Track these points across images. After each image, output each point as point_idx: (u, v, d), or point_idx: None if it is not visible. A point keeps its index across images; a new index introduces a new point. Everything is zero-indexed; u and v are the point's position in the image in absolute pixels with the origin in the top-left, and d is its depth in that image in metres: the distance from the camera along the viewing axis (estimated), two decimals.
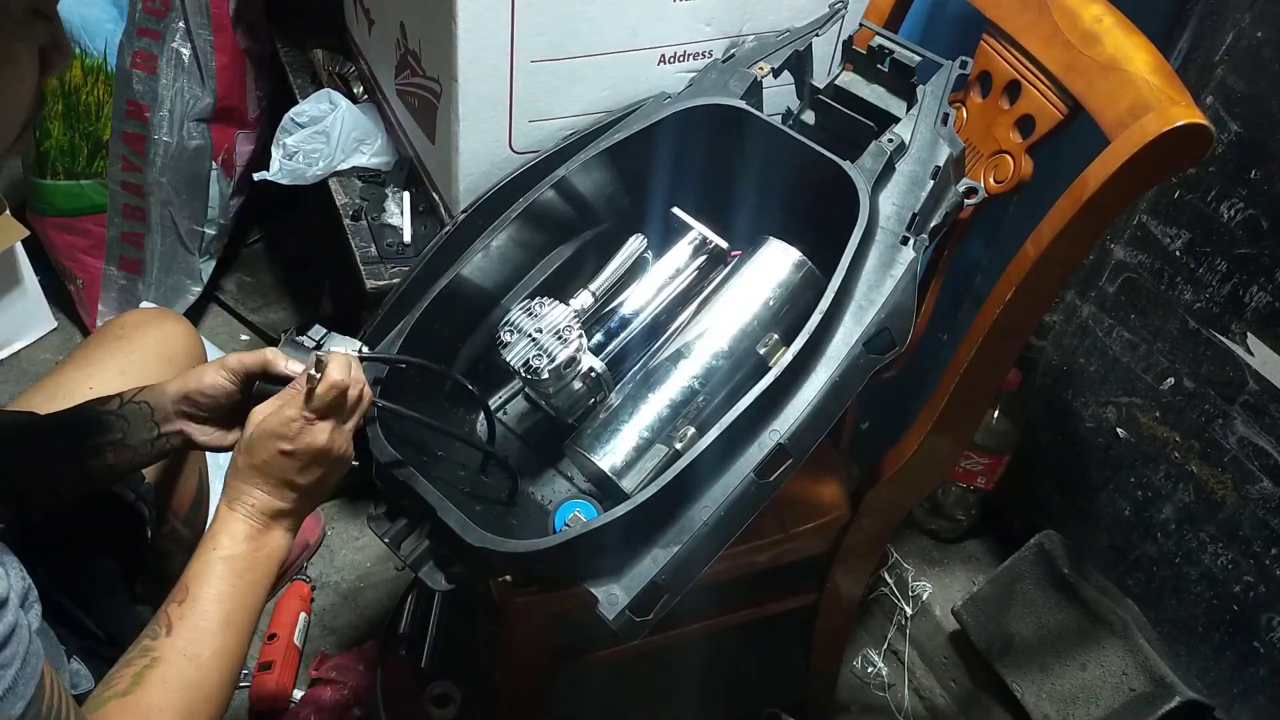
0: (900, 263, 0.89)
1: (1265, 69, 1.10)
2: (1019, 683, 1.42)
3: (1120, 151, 0.82)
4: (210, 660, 0.70)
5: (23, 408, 0.90)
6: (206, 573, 0.73)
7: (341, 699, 1.34)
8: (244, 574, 0.74)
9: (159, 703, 0.67)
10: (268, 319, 1.91)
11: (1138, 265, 1.31)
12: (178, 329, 1.08)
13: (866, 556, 1.21)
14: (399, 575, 1.54)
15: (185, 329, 1.10)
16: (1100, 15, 0.91)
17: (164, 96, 1.59)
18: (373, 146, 1.35)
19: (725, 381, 0.94)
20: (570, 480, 1.03)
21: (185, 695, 0.68)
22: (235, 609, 0.73)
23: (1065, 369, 1.46)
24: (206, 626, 0.71)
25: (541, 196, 1.02)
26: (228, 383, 0.83)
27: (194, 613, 0.71)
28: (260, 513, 0.77)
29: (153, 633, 0.70)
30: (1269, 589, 1.22)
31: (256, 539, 0.76)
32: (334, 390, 0.76)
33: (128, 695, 0.66)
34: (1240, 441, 1.22)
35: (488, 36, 1.03)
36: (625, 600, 0.80)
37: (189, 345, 1.08)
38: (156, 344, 1.04)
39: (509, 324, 0.93)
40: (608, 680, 1.43)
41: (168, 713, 0.67)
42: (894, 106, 1.01)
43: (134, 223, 1.69)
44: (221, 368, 0.83)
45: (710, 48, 1.15)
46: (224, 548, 0.74)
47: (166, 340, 1.06)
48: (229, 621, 0.72)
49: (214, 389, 0.83)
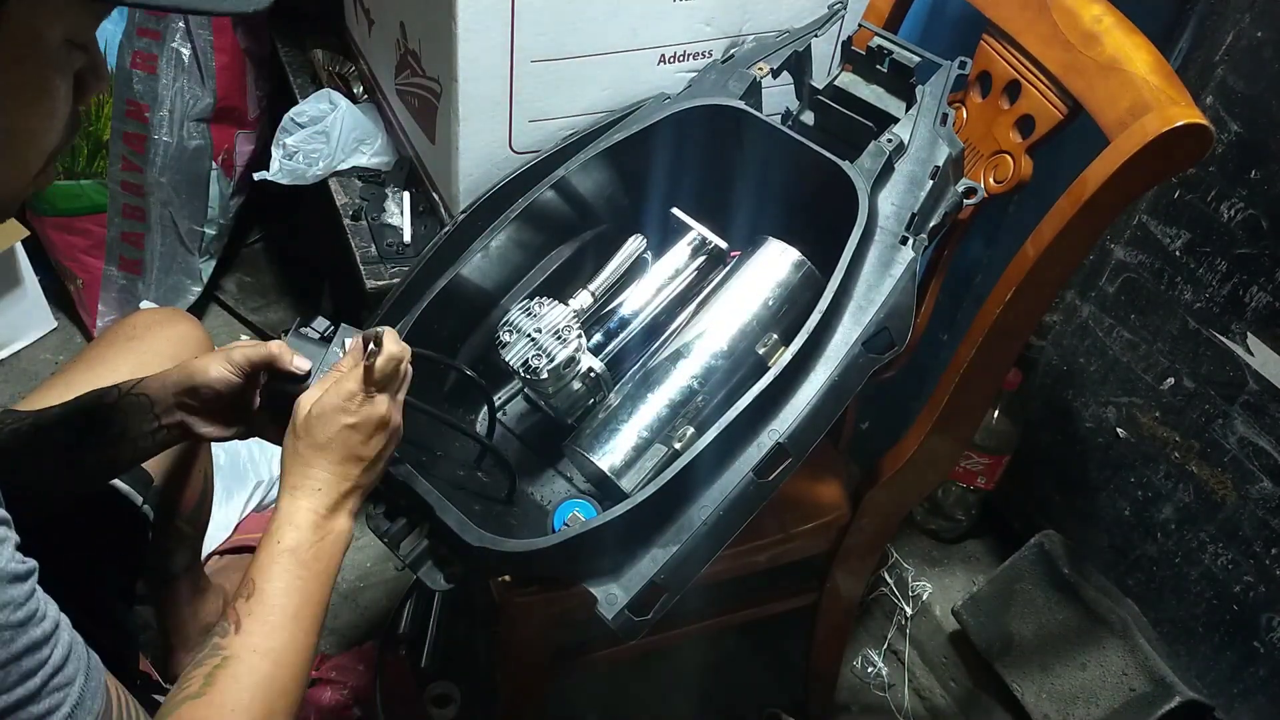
0: (899, 262, 0.89)
1: (1265, 69, 1.10)
2: (1019, 683, 1.42)
3: (1120, 151, 0.82)
4: (281, 655, 0.69)
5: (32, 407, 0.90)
6: (273, 565, 0.72)
7: (341, 699, 1.34)
8: (310, 564, 0.73)
9: (232, 703, 0.65)
10: (268, 319, 1.91)
11: (1138, 265, 1.31)
12: (190, 330, 1.08)
13: (866, 556, 1.21)
14: (399, 575, 1.54)
15: (197, 330, 1.10)
16: (1100, 15, 0.91)
17: (164, 96, 1.59)
18: (373, 146, 1.35)
19: (724, 381, 0.94)
20: (569, 480, 1.03)
21: (258, 693, 0.67)
22: (304, 601, 0.72)
23: (1065, 369, 1.46)
24: (275, 621, 0.70)
25: (541, 197, 1.02)
26: (233, 376, 0.82)
27: (262, 608, 0.70)
28: (326, 495, 0.75)
29: (222, 630, 0.69)
30: (1269, 589, 1.22)
31: (321, 526, 0.74)
32: (393, 361, 0.76)
33: (200, 696, 0.65)
34: (1240, 441, 1.22)
35: (488, 36, 1.03)
36: (624, 600, 0.80)
37: (200, 347, 1.08)
38: (169, 345, 1.04)
39: (508, 324, 0.93)
40: (607, 680, 1.43)
41: (241, 712, 0.65)
42: (893, 107, 1.01)
43: (134, 223, 1.69)
44: (226, 361, 0.82)
45: (710, 48, 1.15)
46: (288, 538, 0.73)
47: (179, 341, 1.05)
48: (298, 615, 0.71)
49: (219, 382, 0.82)
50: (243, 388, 0.83)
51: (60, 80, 0.58)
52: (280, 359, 0.81)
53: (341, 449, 0.75)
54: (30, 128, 0.58)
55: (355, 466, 0.76)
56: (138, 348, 1.03)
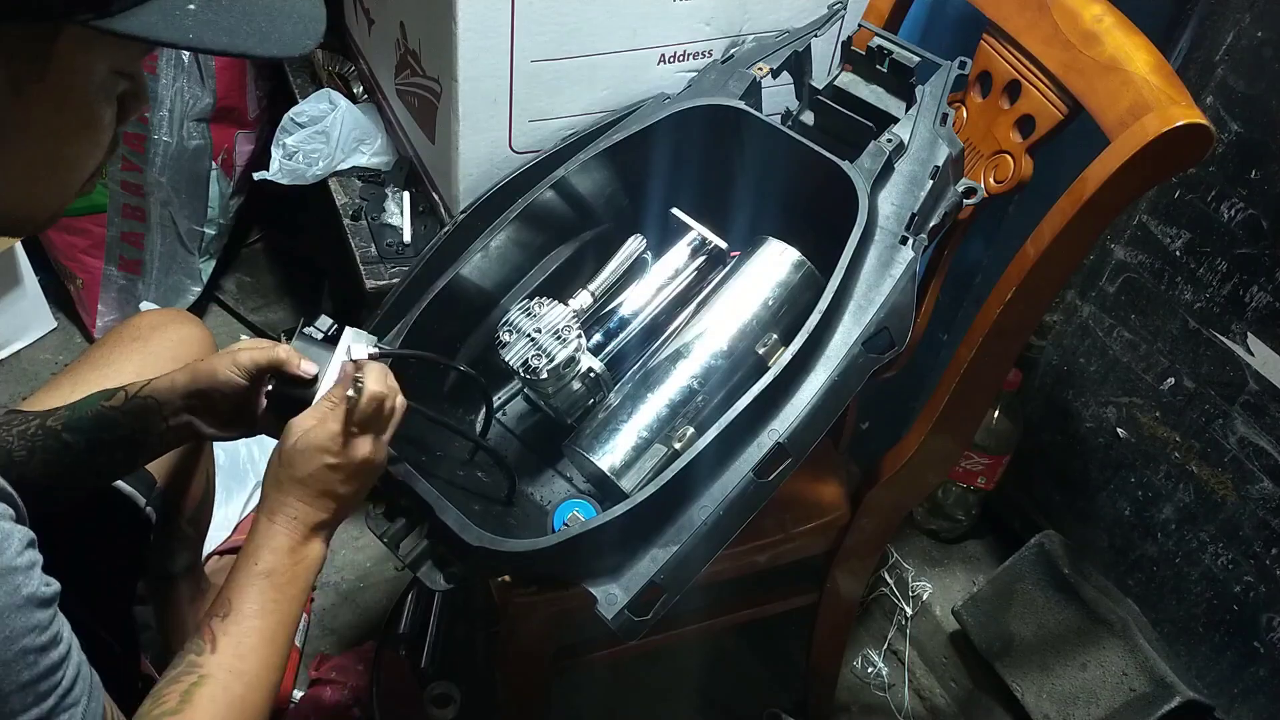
0: (899, 262, 0.89)
1: (1265, 69, 1.10)
2: (1019, 683, 1.42)
3: (1120, 151, 0.82)
4: (255, 676, 0.71)
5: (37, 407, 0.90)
6: (249, 587, 0.74)
7: (341, 699, 1.34)
8: (284, 588, 0.75)
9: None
10: (268, 319, 1.91)
11: (1138, 265, 1.31)
12: (195, 332, 1.09)
13: (866, 556, 1.21)
14: (398, 575, 1.54)
15: (202, 332, 1.10)
16: (1100, 15, 0.90)
17: (164, 96, 1.59)
18: (373, 146, 1.35)
19: (724, 381, 0.94)
20: (569, 480, 1.03)
21: (232, 714, 0.69)
22: (278, 624, 0.74)
23: (1065, 369, 1.46)
24: (250, 643, 0.72)
25: (541, 197, 1.02)
26: (240, 380, 0.83)
27: (238, 629, 0.72)
28: (301, 524, 0.77)
29: (197, 648, 0.71)
30: (1269, 589, 1.22)
31: (297, 551, 0.76)
32: (374, 402, 0.77)
33: (178, 714, 0.66)
34: (1240, 441, 1.22)
35: (488, 36, 1.03)
36: (624, 600, 0.80)
37: (205, 348, 1.08)
38: (173, 346, 1.05)
39: (508, 324, 0.93)
40: (607, 680, 1.43)
41: None
42: (893, 107, 1.01)
43: (134, 223, 1.69)
44: (234, 365, 0.83)
45: (710, 48, 1.15)
46: (265, 561, 0.75)
47: (183, 343, 1.06)
48: (272, 637, 0.73)
49: (226, 386, 0.83)
50: (249, 391, 0.84)
51: (105, 108, 0.59)
52: (288, 365, 0.82)
53: (320, 485, 0.77)
54: (75, 154, 0.60)
55: (332, 502, 0.78)
56: (143, 349, 1.04)
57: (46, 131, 0.57)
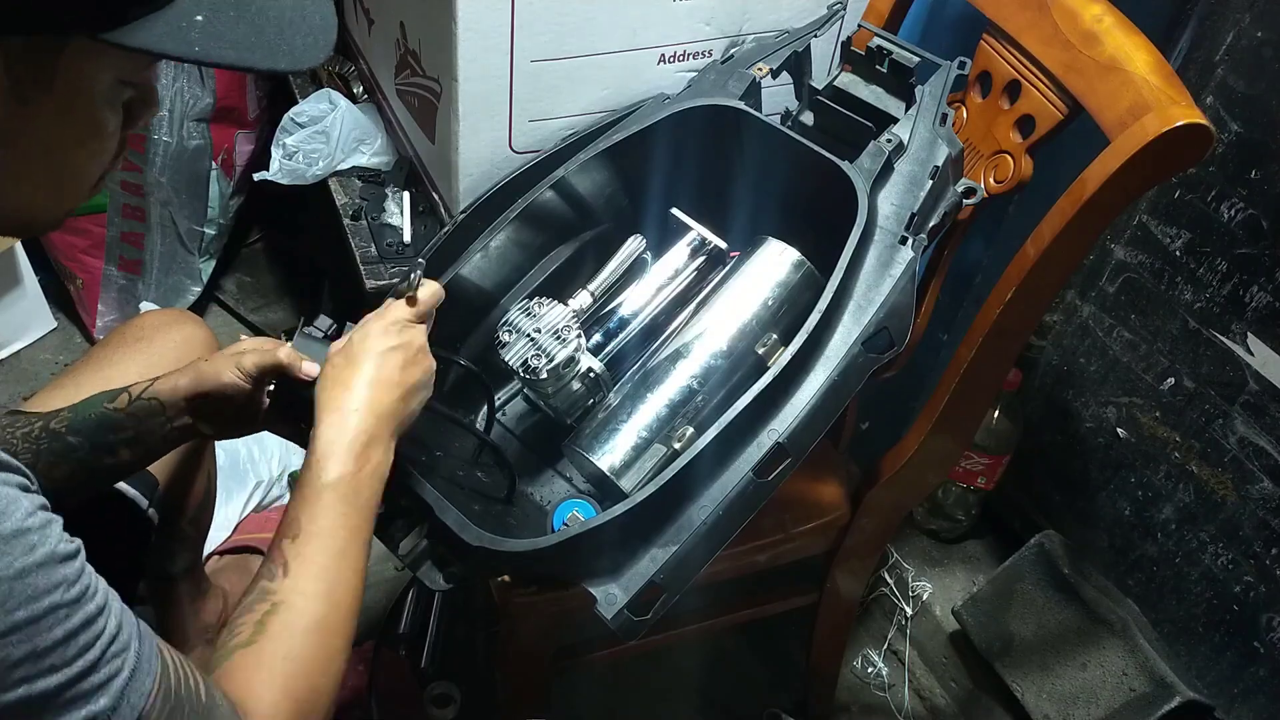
0: (899, 262, 0.89)
1: (1265, 69, 1.10)
2: (1019, 683, 1.42)
3: (1120, 151, 0.82)
4: (332, 594, 0.69)
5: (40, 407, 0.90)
6: (316, 502, 0.71)
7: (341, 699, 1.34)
8: (352, 498, 0.72)
9: (284, 650, 0.65)
10: (268, 319, 1.91)
11: (1138, 265, 1.31)
12: (198, 333, 1.09)
13: (866, 556, 1.21)
14: (398, 575, 1.54)
15: (204, 332, 1.10)
16: (1100, 15, 0.90)
17: (164, 96, 1.59)
18: (373, 146, 1.35)
19: (724, 381, 0.94)
20: (569, 480, 1.03)
21: (311, 637, 0.67)
22: (350, 538, 0.72)
23: (1065, 369, 1.46)
24: (323, 562, 0.69)
25: (541, 197, 1.02)
26: (243, 383, 0.83)
27: (309, 548, 0.69)
28: (363, 416, 0.74)
29: (269, 573, 0.69)
30: (1269, 589, 1.22)
31: (360, 456, 0.73)
32: (435, 296, 0.81)
33: (252, 644, 0.64)
34: (1240, 441, 1.22)
35: (488, 36, 1.03)
36: (623, 600, 0.80)
37: (207, 349, 1.08)
38: (176, 347, 1.05)
39: (508, 324, 0.93)
40: (607, 680, 1.43)
41: (294, 660, 0.65)
42: (892, 107, 1.01)
43: (134, 223, 1.69)
44: (237, 367, 0.83)
45: (710, 48, 1.15)
46: (329, 471, 0.72)
47: (186, 343, 1.06)
48: (344, 552, 0.71)
49: (229, 388, 0.83)
50: (252, 392, 0.85)
51: (110, 116, 0.60)
52: (291, 368, 0.82)
53: (380, 368, 0.76)
54: (81, 162, 0.60)
55: (393, 391, 0.76)
56: (145, 349, 1.04)
57: (52, 140, 0.58)
